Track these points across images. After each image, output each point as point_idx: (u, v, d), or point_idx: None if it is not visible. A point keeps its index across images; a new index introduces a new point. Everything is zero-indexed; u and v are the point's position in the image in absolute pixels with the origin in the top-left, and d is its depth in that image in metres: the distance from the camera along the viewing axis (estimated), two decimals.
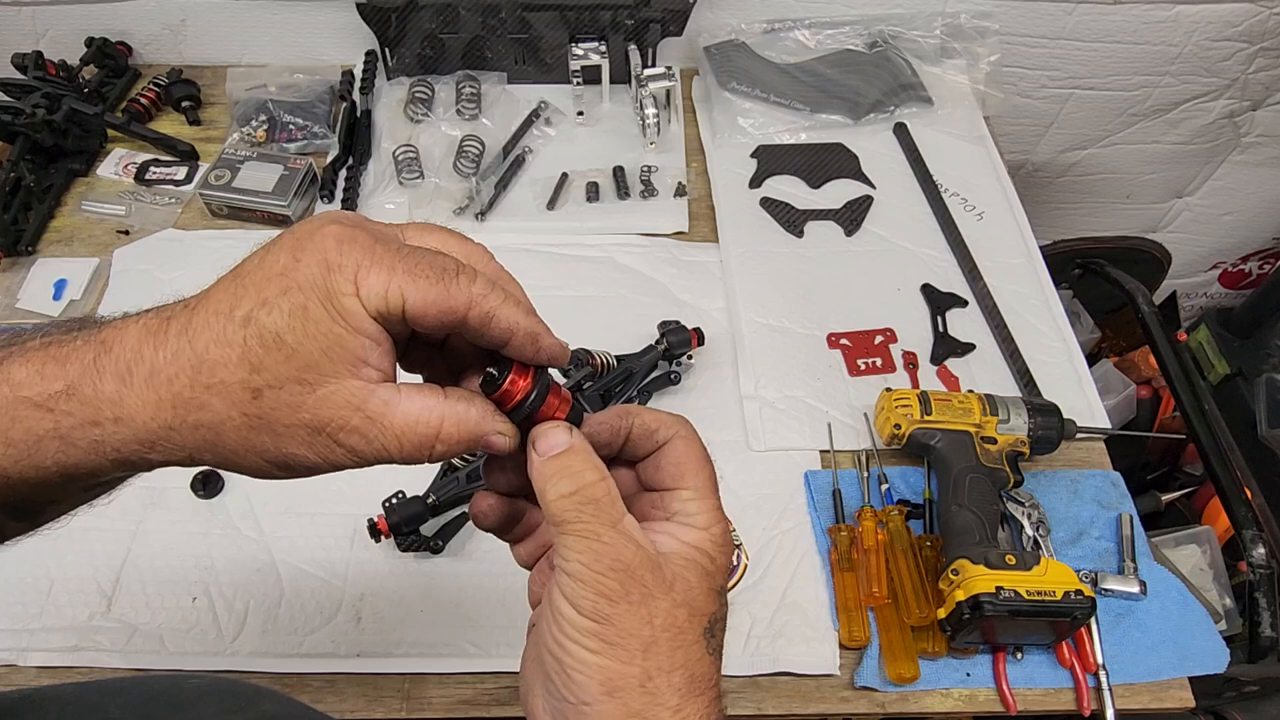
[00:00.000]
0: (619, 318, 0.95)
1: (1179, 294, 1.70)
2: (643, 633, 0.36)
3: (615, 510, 0.37)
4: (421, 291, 0.35)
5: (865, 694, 0.72)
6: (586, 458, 0.38)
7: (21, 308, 0.94)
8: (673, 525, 0.40)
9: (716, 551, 0.39)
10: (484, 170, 1.07)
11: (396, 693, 0.72)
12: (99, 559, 0.77)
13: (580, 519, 0.36)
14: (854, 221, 1.05)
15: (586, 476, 0.37)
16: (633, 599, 0.36)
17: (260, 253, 0.36)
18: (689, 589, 0.37)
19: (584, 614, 0.35)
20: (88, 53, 1.15)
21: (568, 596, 0.36)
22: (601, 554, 0.36)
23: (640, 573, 0.36)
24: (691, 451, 0.41)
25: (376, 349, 0.35)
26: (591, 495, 0.37)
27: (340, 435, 0.35)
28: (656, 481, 0.41)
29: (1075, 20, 1.19)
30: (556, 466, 0.38)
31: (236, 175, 1.01)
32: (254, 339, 0.34)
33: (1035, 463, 0.85)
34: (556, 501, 0.37)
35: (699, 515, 0.40)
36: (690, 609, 0.37)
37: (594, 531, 0.36)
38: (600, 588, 0.35)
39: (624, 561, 0.36)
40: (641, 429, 0.41)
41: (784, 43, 1.18)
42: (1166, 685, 0.73)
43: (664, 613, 0.36)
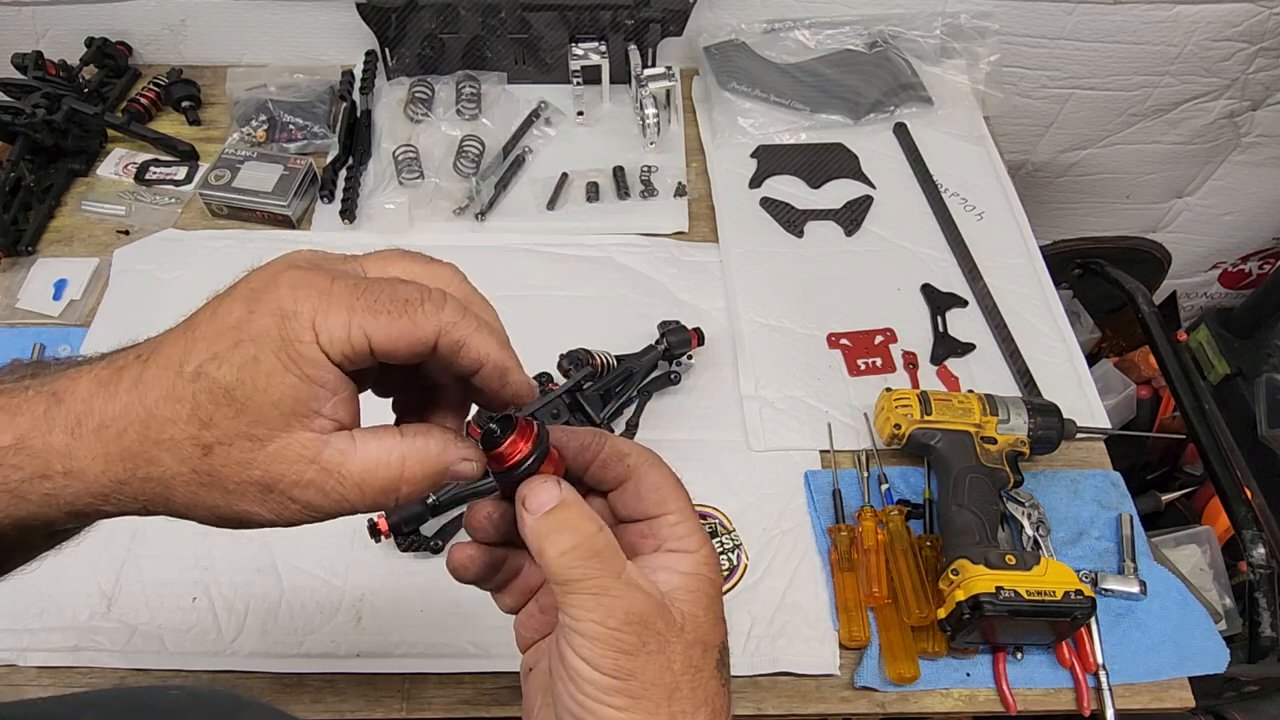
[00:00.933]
0: (619, 318, 0.95)
1: (1179, 294, 1.70)
2: (665, 680, 0.35)
3: (619, 560, 0.36)
4: (385, 327, 0.34)
5: (865, 694, 0.72)
6: (581, 510, 0.37)
7: (21, 308, 0.94)
8: (666, 556, 0.39)
9: (713, 574, 0.39)
10: (484, 170, 1.07)
11: (396, 693, 0.72)
12: (99, 559, 0.77)
13: (587, 575, 0.36)
14: (854, 221, 1.05)
15: (585, 529, 0.36)
16: (651, 649, 0.35)
17: (214, 303, 0.35)
18: (698, 625, 0.37)
19: (605, 673, 0.35)
20: (88, 53, 1.15)
21: (584, 657, 0.35)
22: (614, 609, 0.35)
23: (653, 621, 0.35)
24: (668, 476, 0.41)
25: (332, 398, 0.34)
26: (594, 548, 0.36)
27: (294, 491, 0.34)
28: (639, 510, 0.41)
29: (1075, 20, 1.19)
30: (552, 523, 0.36)
31: (236, 175, 1.01)
32: (204, 394, 0.33)
33: (1035, 463, 0.85)
34: (558, 559, 0.36)
35: (689, 538, 0.39)
36: (704, 645, 0.37)
37: (602, 587, 0.35)
38: (619, 644, 0.35)
39: (637, 613, 0.35)
40: (612, 452, 0.41)
41: (784, 43, 1.18)
42: (1166, 685, 0.73)
43: (681, 655, 0.36)
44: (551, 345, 0.86)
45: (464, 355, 0.36)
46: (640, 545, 0.40)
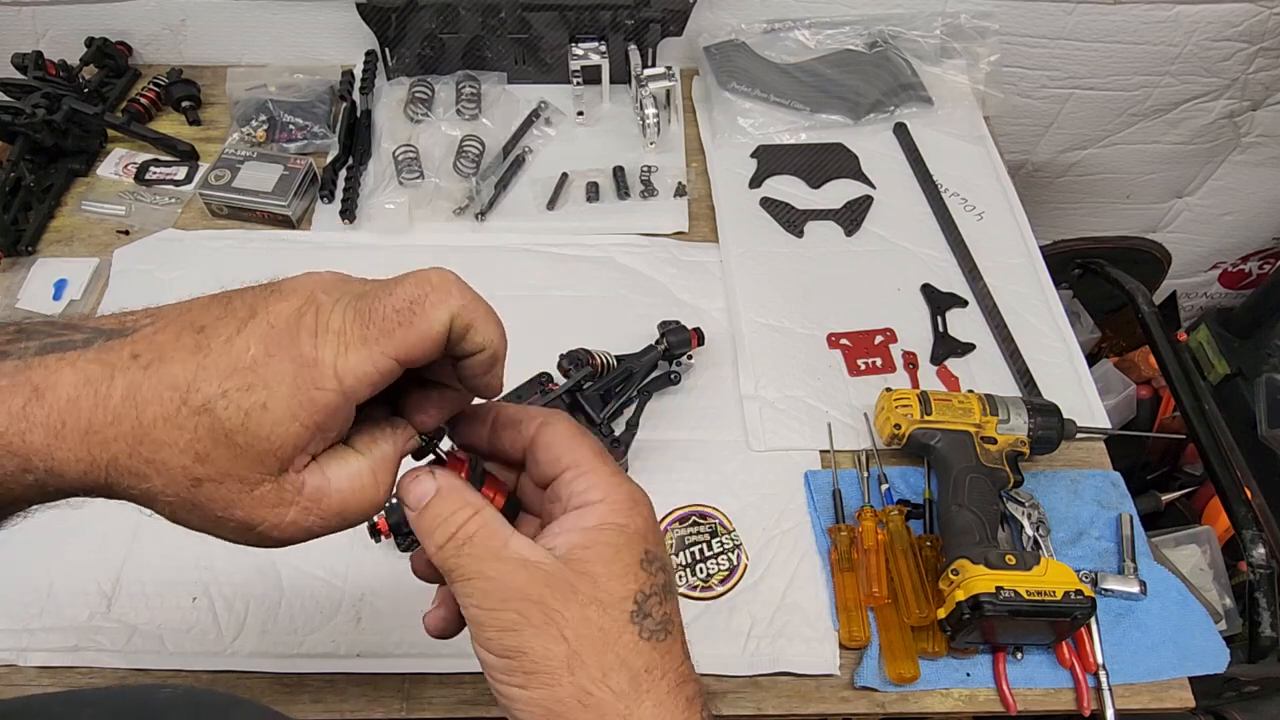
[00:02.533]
0: (619, 318, 0.95)
1: (1179, 294, 1.70)
2: (558, 651, 0.34)
3: (495, 540, 0.36)
4: (402, 340, 0.34)
5: (865, 694, 0.72)
6: (454, 496, 0.37)
7: (21, 308, 0.94)
8: (570, 516, 0.38)
9: (624, 518, 0.37)
10: (484, 170, 1.07)
11: (396, 693, 0.72)
12: (99, 559, 0.77)
13: (460, 563, 0.35)
14: (854, 221, 1.05)
15: (457, 518, 0.36)
16: (535, 623, 0.34)
17: (228, 324, 0.33)
18: (594, 583, 0.35)
19: (496, 654, 0.35)
20: (88, 53, 1.15)
21: (479, 642, 0.35)
22: (490, 591, 0.35)
23: (534, 593, 0.34)
24: (560, 431, 0.40)
25: (326, 436, 0.34)
26: (465, 535, 0.36)
27: (275, 532, 0.34)
28: (540, 475, 0.40)
29: (1075, 20, 1.19)
30: (428, 517, 0.37)
31: (236, 175, 1.01)
32: (205, 430, 0.32)
33: (1035, 463, 0.85)
34: (436, 555, 0.36)
35: (590, 490, 0.38)
36: (600, 604, 0.35)
37: (477, 570, 0.35)
38: (499, 624, 0.34)
39: (514, 590, 0.35)
40: (505, 419, 0.40)
41: (784, 43, 1.18)
42: (1166, 685, 0.73)
43: (575, 621, 0.34)
44: (551, 345, 0.86)
45: (471, 338, 0.36)
46: (551, 511, 0.39)
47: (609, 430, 0.82)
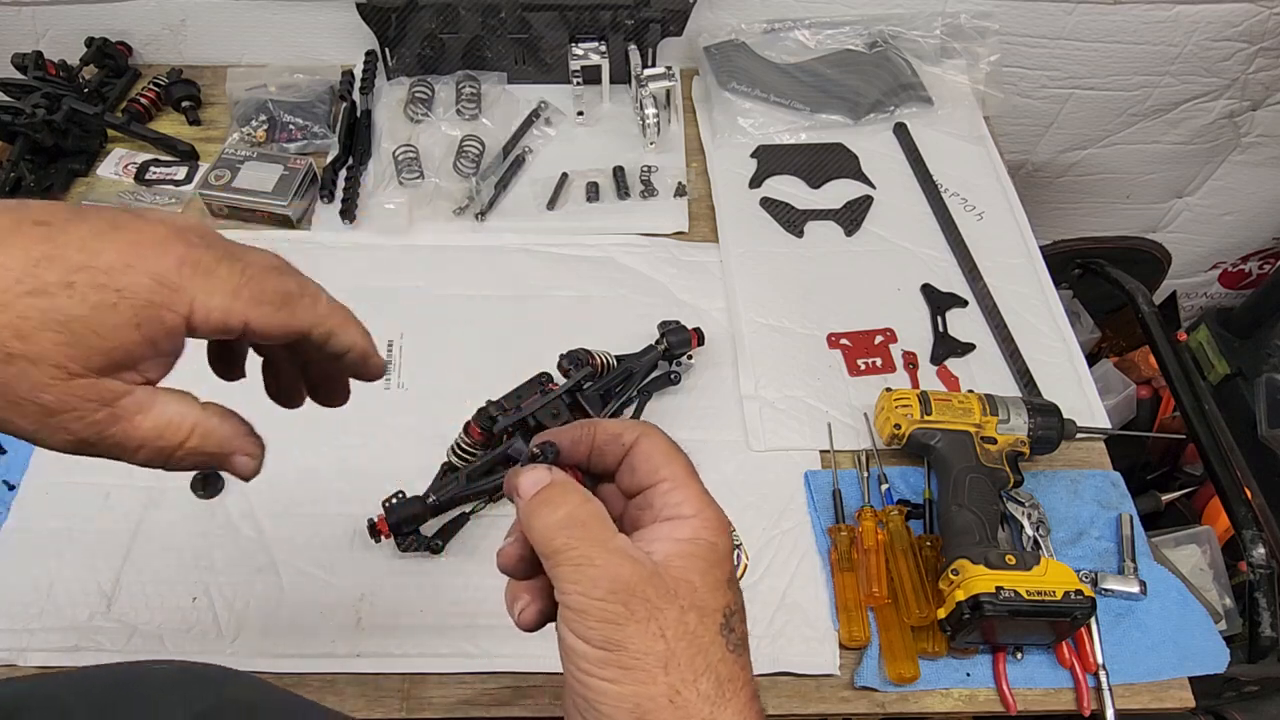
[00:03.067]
0: (619, 318, 0.95)
1: (1179, 294, 1.70)
2: (657, 649, 0.34)
3: (605, 530, 0.36)
4: (266, 317, 0.36)
5: (865, 694, 0.72)
6: (567, 486, 0.38)
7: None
8: (663, 525, 0.38)
9: (715, 537, 0.38)
10: (484, 170, 1.07)
11: (396, 693, 0.72)
12: (99, 559, 0.77)
13: (570, 545, 0.36)
14: (854, 221, 1.05)
15: (570, 501, 0.37)
16: (639, 617, 0.34)
17: (85, 230, 0.34)
18: (693, 590, 0.36)
19: (595, 645, 0.34)
20: (88, 53, 1.15)
21: (575, 631, 0.35)
22: (598, 579, 0.35)
23: (641, 588, 0.35)
24: (659, 444, 0.41)
25: (160, 361, 0.35)
26: (578, 519, 0.36)
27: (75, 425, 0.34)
28: (634, 484, 0.41)
29: (1075, 20, 1.19)
30: (539, 499, 0.37)
31: (236, 175, 1.01)
32: (36, 311, 0.32)
33: (1035, 463, 0.85)
34: (543, 531, 0.36)
35: (684, 504, 0.39)
36: (699, 611, 0.36)
37: (586, 556, 0.35)
38: (604, 614, 0.34)
39: (622, 581, 0.35)
40: (605, 435, 0.41)
41: (784, 43, 1.18)
42: (1166, 685, 0.73)
43: (675, 622, 0.35)
44: (551, 345, 0.86)
45: (333, 343, 0.40)
46: (640, 519, 0.40)
47: None
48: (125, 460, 0.37)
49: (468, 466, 0.78)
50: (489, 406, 0.80)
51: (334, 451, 0.84)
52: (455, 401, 0.83)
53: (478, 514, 0.80)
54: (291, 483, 0.82)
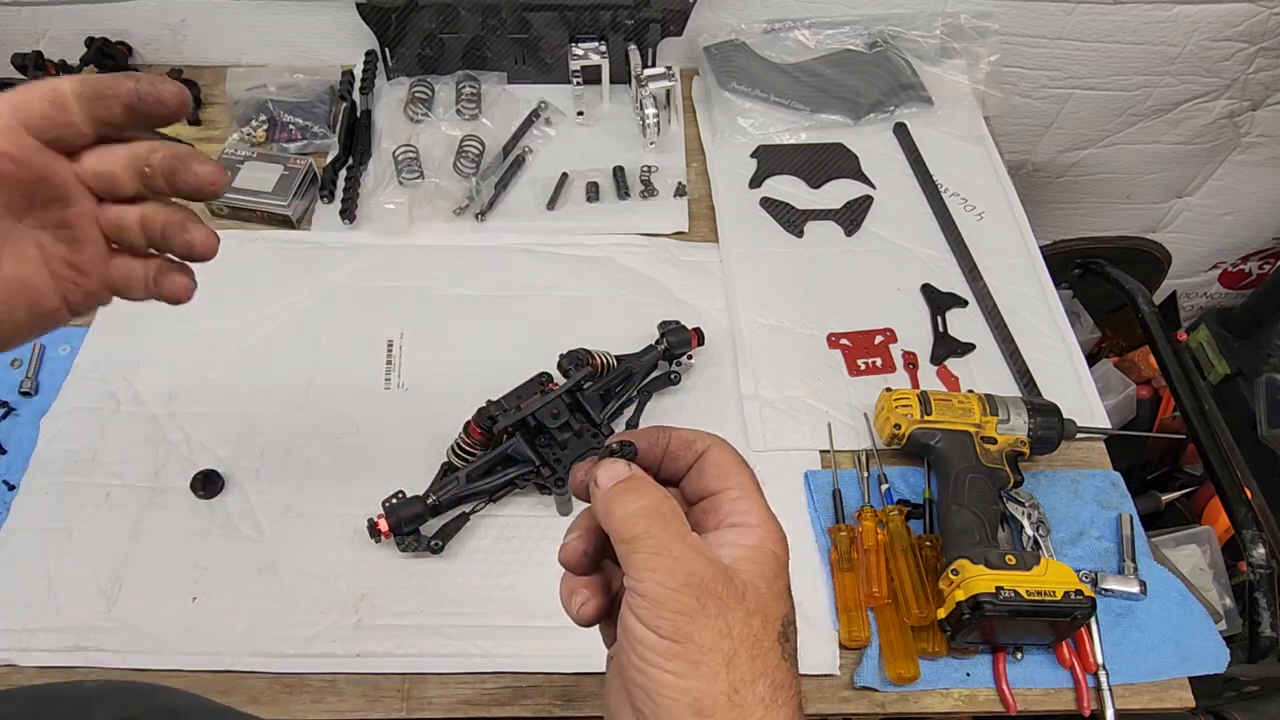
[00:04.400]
0: (619, 318, 0.95)
1: (1179, 294, 1.70)
2: (723, 646, 0.35)
3: (683, 525, 0.37)
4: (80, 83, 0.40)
5: (865, 694, 0.72)
6: (648, 481, 0.39)
7: None
8: (729, 531, 0.39)
9: (777, 547, 0.39)
10: (484, 170, 1.07)
11: (396, 693, 0.72)
12: (99, 559, 0.77)
13: (650, 533, 0.36)
14: (854, 221, 1.05)
15: (651, 494, 0.38)
16: (709, 613, 0.35)
17: None
18: (760, 595, 0.37)
19: (663, 635, 0.35)
20: (88, 53, 1.15)
21: (643, 620, 0.35)
22: (674, 570, 0.35)
23: (714, 585, 0.35)
24: (730, 454, 0.42)
25: None
26: (659, 510, 0.37)
27: None
28: (702, 488, 0.42)
29: (1075, 20, 1.19)
30: (619, 489, 0.38)
31: (236, 175, 1.01)
32: None
33: (1035, 463, 0.85)
34: (625, 518, 0.37)
35: (750, 513, 0.40)
36: (764, 615, 0.37)
37: (664, 546, 0.36)
38: (677, 605, 0.35)
39: (697, 575, 0.35)
40: (679, 440, 0.42)
41: (784, 43, 1.18)
42: (1166, 685, 0.73)
43: (741, 622, 0.36)
44: (551, 345, 0.86)
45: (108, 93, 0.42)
46: (704, 522, 0.41)
47: (609, 430, 0.82)
48: None
49: (468, 466, 0.78)
50: (489, 406, 0.80)
51: (334, 451, 0.84)
52: (455, 401, 0.84)
53: (478, 514, 0.80)
54: (291, 483, 0.82)
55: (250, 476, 0.82)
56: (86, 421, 0.85)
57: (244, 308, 0.94)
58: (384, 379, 0.90)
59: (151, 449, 0.84)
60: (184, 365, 0.90)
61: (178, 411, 0.86)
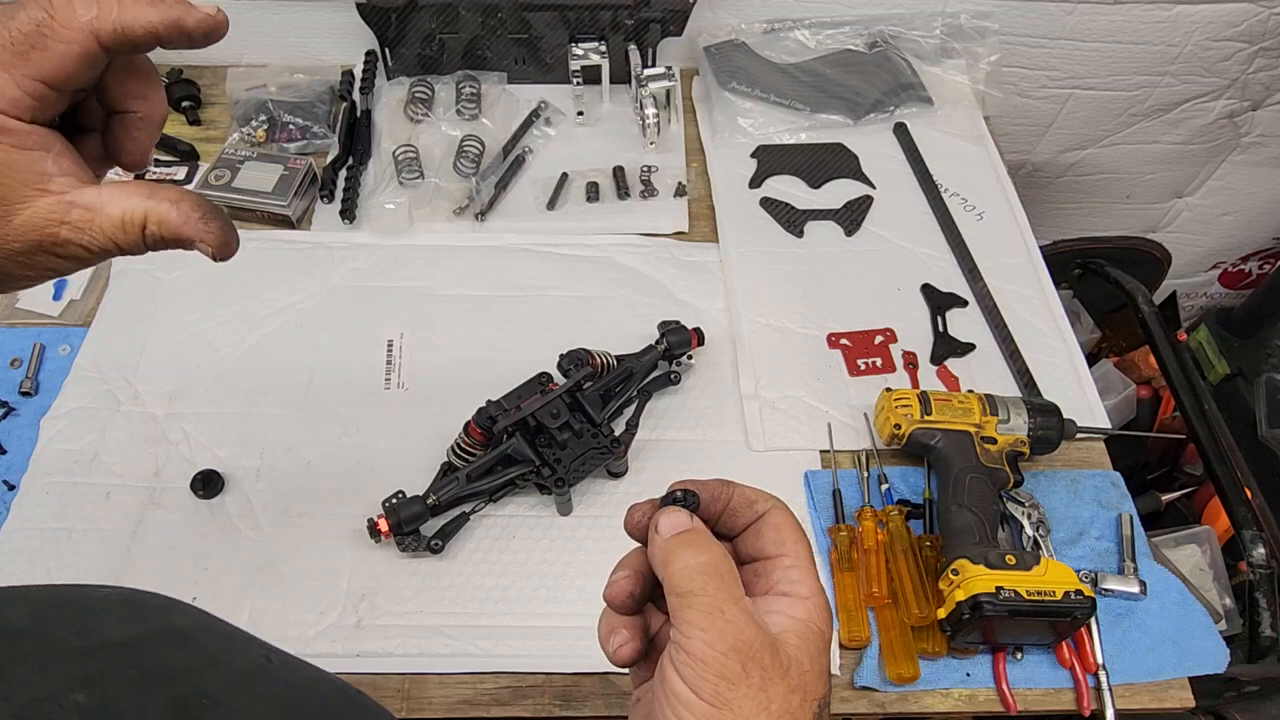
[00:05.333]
0: (619, 318, 0.95)
1: (1179, 294, 1.70)
2: (761, 718, 0.34)
3: (738, 589, 0.37)
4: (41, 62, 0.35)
5: (865, 694, 0.72)
6: (709, 537, 0.38)
7: (21, 307, 0.94)
8: (778, 600, 0.39)
9: (824, 624, 0.39)
10: (484, 170, 1.07)
11: (396, 693, 0.72)
12: (99, 559, 0.77)
13: (706, 590, 0.36)
14: (854, 221, 1.05)
15: (712, 550, 0.37)
16: (752, 682, 0.34)
17: None
18: (803, 672, 0.36)
19: (703, 698, 0.34)
20: None
21: (685, 678, 0.35)
22: (725, 632, 0.35)
23: (760, 654, 0.35)
24: (790, 520, 0.41)
25: (48, 155, 0.36)
26: (717, 569, 0.37)
27: (56, 249, 0.37)
28: (757, 550, 0.41)
29: (1075, 20, 1.19)
30: (680, 541, 0.38)
31: (236, 175, 1.01)
32: None
33: (1035, 463, 0.85)
34: (682, 570, 0.37)
35: (802, 584, 0.39)
36: (804, 694, 0.36)
37: (718, 606, 0.35)
38: (722, 669, 0.34)
39: (745, 641, 0.35)
40: (741, 498, 0.42)
41: (784, 43, 1.18)
42: (1166, 685, 0.73)
43: (781, 697, 0.35)
44: (551, 345, 0.86)
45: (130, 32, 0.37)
46: (753, 586, 0.40)
47: (609, 430, 0.82)
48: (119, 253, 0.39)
49: (468, 466, 0.78)
50: (489, 406, 0.80)
51: (334, 451, 0.84)
52: (455, 401, 0.84)
53: (478, 514, 0.80)
54: (291, 483, 0.82)
55: (250, 476, 0.82)
56: (86, 421, 0.85)
57: (244, 308, 0.94)
58: (384, 379, 0.90)
59: (151, 449, 0.84)
60: (184, 365, 0.90)
61: (178, 411, 0.86)
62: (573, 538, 0.79)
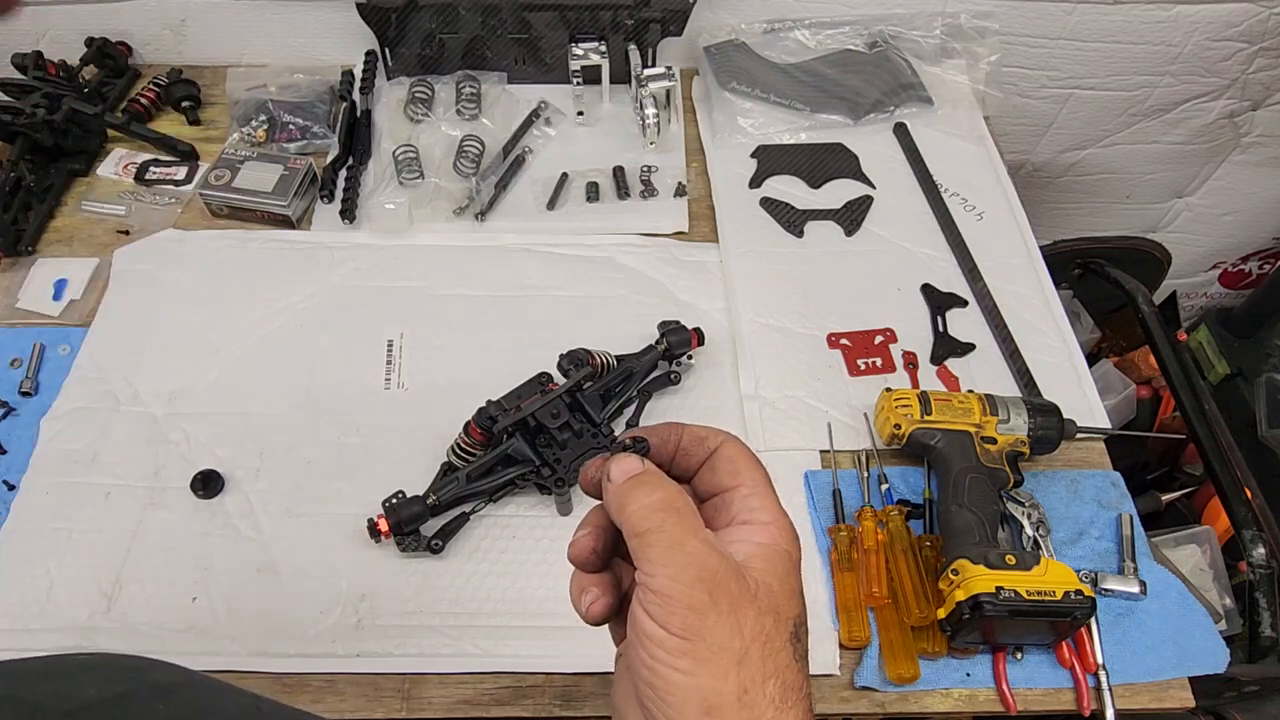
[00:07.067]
0: (619, 318, 0.95)
1: (1179, 294, 1.70)
2: (734, 644, 0.34)
3: (696, 520, 0.37)
4: None
5: (865, 694, 0.72)
6: (661, 476, 0.39)
7: (21, 308, 0.94)
8: (740, 529, 0.39)
9: (790, 546, 0.38)
10: (484, 170, 1.07)
11: (396, 693, 0.72)
12: (99, 559, 0.77)
13: (664, 527, 0.36)
14: (854, 221, 1.05)
15: (666, 488, 0.37)
16: (721, 609, 0.34)
17: None
18: (772, 594, 0.36)
19: (673, 632, 0.34)
20: (88, 53, 1.15)
21: (654, 616, 0.35)
22: (687, 564, 0.35)
23: (726, 581, 0.35)
24: (743, 451, 0.41)
25: None
26: (673, 505, 0.37)
27: None
28: (714, 484, 0.41)
29: (1075, 20, 1.19)
30: (633, 483, 0.38)
31: (236, 175, 1.01)
32: None
33: (1035, 463, 0.85)
34: (638, 511, 0.36)
35: (762, 510, 0.39)
36: (776, 614, 0.36)
37: (678, 540, 0.35)
38: (689, 601, 0.34)
39: (709, 570, 0.35)
40: (691, 437, 0.42)
41: (784, 43, 1.18)
42: (1166, 685, 0.73)
43: (752, 621, 0.35)
44: (551, 345, 0.86)
45: None
46: (715, 520, 0.40)
47: (609, 430, 0.82)
48: None
49: (468, 466, 0.78)
50: (489, 406, 0.80)
51: (334, 451, 0.84)
52: (455, 401, 0.84)
53: (478, 514, 0.80)
54: (291, 483, 0.82)
55: (250, 476, 0.82)
56: (86, 421, 0.85)
57: (244, 308, 0.94)
58: (384, 379, 0.90)
59: (151, 449, 0.84)
60: (184, 365, 0.90)
61: (178, 411, 0.86)
62: None
